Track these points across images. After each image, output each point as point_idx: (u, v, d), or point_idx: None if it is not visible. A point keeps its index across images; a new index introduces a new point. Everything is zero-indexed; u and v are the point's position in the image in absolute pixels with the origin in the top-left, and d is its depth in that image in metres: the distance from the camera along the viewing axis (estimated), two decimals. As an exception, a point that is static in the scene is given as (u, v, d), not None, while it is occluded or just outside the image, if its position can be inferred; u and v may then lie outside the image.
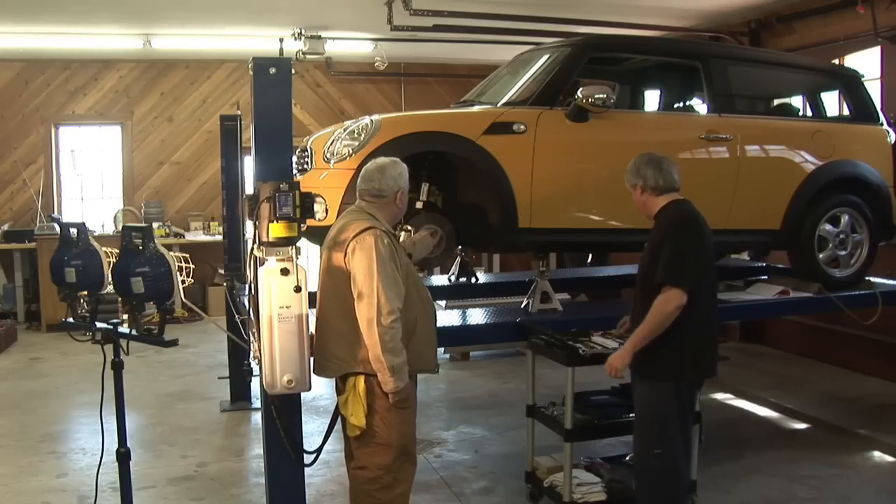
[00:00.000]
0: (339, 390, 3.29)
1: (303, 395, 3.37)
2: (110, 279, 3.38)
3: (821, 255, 5.08)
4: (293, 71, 3.40)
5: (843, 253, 5.15)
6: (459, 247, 4.83)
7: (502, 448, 5.27)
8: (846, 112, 5.89)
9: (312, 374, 3.23)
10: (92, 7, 7.58)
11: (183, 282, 6.43)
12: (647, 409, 3.50)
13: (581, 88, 4.23)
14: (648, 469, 3.51)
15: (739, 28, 8.11)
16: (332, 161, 4.02)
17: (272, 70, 3.31)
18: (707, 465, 4.42)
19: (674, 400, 3.40)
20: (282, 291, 3.05)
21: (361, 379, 3.16)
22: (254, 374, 3.74)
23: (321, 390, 5.95)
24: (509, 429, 5.57)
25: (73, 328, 3.55)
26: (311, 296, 3.18)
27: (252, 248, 3.22)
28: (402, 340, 3.13)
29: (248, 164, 4.08)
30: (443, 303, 5.35)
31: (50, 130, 10.23)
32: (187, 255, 7.22)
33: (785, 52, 7.06)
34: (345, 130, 4.08)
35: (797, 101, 5.98)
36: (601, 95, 4.20)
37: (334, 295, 3.20)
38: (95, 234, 9.17)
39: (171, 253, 3.67)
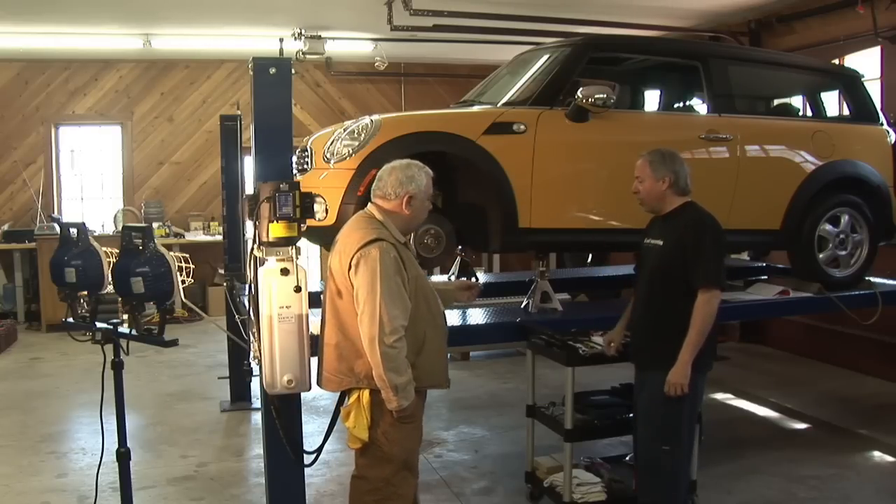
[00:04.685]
0: (342, 399, 3.25)
1: (303, 395, 3.37)
2: (110, 279, 3.37)
3: (821, 255, 5.08)
4: (293, 71, 3.40)
5: (843, 253, 5.14)
6: (459, 247, 4.82)
7: (502, 448, 5.27)
8: (846, 112, 5.89)
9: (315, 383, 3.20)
10: (92, 7, 7.58)
11: (183, 282, 6.45)
12: (663, 401, 3.39)
13: (581, 88, 4.22)
14: (655, 464, 3.49)
15: (739, 28, 8.12)
16: (332, 161, 4.01)
17: (272, 70, 3.32)
18: (707, 465, 4.42)
19: (691, 391, 3.38)
20: (282, 291, 3.05)
21: (367, 392, 3.06)
22: (254, 374, 3.75)
23: (321, 390, 5.91)
24: (509, 429, 5.57)
25: (73, 328, 3.54)
26: (311, 296, 3.17)
27: (252, 248, 3.22)
28: (410, 356, 3.01)
29: (248, 164, 4.08)
30: (443, 303, 5.33)
31: (50, 130, 10.23)
32: (187, 255, 7.24)
33: (785, 52, 7.06)
34: (345, 130, 4.08)
35: (797, 101, 5.98)
36: (601, 95, 4.19)
37: (332, 304, 3.11)
38: (95, 234, 9.17)
39: (171, 253, 3.67)
